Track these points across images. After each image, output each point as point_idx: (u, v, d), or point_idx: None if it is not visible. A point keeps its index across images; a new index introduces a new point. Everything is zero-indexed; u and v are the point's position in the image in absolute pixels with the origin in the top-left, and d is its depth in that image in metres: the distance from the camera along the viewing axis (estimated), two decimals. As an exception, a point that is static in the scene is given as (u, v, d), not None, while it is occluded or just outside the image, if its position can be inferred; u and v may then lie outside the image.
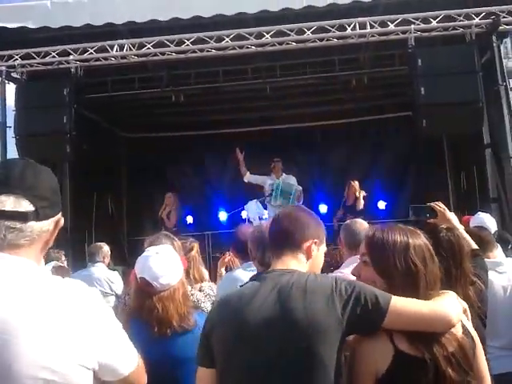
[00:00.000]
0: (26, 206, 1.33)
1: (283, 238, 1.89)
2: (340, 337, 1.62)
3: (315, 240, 1.89)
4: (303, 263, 1.86)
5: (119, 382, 1.53)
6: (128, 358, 1.52)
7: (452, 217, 2.79)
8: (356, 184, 8.61)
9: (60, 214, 1.46)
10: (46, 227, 1.39)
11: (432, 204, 2.85)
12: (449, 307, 1.71)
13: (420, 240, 1.82)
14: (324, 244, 1.96)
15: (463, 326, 1.77)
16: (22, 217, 1.33)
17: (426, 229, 2.60)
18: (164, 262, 2.32)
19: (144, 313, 2.23)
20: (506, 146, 6.83)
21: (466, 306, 1.87)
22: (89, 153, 8.11)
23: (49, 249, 1.50)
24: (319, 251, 1.92)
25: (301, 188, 8.19)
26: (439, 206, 2.83)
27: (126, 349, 1.53)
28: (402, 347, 1.64)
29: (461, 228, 2.77)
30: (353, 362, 1.70)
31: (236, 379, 1.68)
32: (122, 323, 1.54)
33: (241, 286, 1.90)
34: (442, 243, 2.35)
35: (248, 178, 8.66)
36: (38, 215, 1.35)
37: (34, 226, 1.35)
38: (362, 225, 3.33)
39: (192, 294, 2.89)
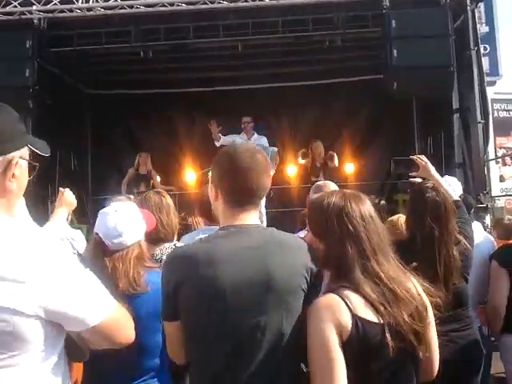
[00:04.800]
0: None
1: (251, 192, 1.74)
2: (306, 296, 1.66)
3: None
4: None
5: (91, 334, 1.42)
6: (95, 307, 1.41)
7: (433, 170, 2.79)
8: (320, 144, 8.71)
9: (13, 154, 1.36)
10: None
11: (414, 157, 2.85)
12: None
13: (360, 205, 1.76)
14: None
15: (421, 297, 1.70)
16: None
17: (412, 188, 2.63)
18: (121, 220, 2.22)
19: (97, 270, 2.17)
20: (475, 112, 6.91)
21: None
22: (52, 109, 7.85)
23: None
24: None
25: (277, 149, 7.95)
26: (421, 159, 2.82)
27: (92, 296, 1.42)
28: (359, 313, 1.61)
29: (441, 181, 2.78)
30: (315, 324, 1.67)
31: (211, 334, 1.61)
32: None
33: (202, 240, 1.77)
34: (428, 203, 2.35)
35: (221, 141, 8.47)
36: None
37: None
38: (333, 187, 3.33)
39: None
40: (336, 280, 1.68)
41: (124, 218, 2.24)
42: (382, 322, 1.60)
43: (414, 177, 2.88)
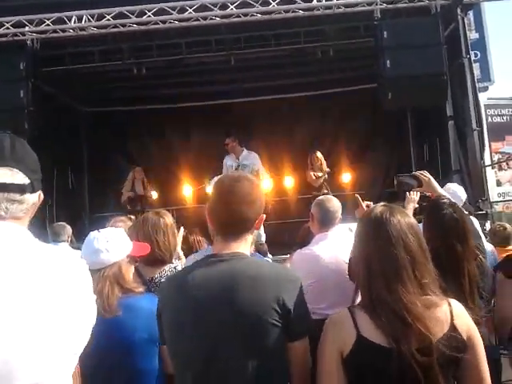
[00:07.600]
0: (21, 178, 1.34)
1: (237, 221, 1.74)
2: (282, 330, 1.63)
3: (263, 214, 1.79)
4: (250, 241, 1.81)
5: None
6: None
7: (436, 185, 2.77)
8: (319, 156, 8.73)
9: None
10: (36, 199, 1.41)
11: (417, 173, 2.84)
12: None
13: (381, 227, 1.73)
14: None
15: (453, 325, 1.62)
16: (20, 189, 1.34)
17: (427, 204, 2.59)
18: (100, 239, 2.25)
19: None
20: (470, 119, 6.93)
21: None
22: (48, 127, 7.85)
23: None
24: None
25: (257, 168, 7.68)
26: (424, 174, 2.81)
27: None
28: (364, 333, 1.61)
29: (446, 196, 2.76)
30: (321, 339, 1.70)
31: (182, 357, 1.70)
32: None
33: (189, 268, 1.83)
34: (444, 219, 2.32)
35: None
36: (32, 188, 1.37)
37: (28, 198, 1.36)
38: (336, 202, 3.31)
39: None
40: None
41: (103, 238, 2.26)
42: (390, 346, 1.58)
43: (421, 192, 2.87)
